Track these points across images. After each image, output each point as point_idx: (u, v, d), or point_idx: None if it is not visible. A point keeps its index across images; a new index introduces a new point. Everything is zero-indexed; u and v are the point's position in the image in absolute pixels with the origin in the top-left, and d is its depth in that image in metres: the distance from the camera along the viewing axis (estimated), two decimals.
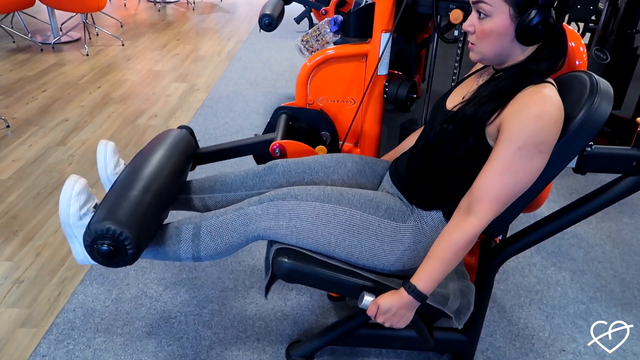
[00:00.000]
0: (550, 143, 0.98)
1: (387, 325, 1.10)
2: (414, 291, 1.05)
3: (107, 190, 1.27)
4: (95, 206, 1.17)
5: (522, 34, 0.99)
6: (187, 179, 1.43)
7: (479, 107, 1.03)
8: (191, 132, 1.49)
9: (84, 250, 1.09)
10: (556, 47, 1.04)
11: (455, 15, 1.42)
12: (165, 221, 1.25)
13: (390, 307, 1.07)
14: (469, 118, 1.04)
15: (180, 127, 1.48)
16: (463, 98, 1.13)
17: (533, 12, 0.96)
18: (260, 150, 1.55)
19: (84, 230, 1.09)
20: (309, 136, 1.65)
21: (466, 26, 1.05)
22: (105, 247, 1.03)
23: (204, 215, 1.22)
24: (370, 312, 1.10)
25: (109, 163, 1.32)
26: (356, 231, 1.13)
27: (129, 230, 1.03)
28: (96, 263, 1.11)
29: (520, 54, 1.04)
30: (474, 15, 1.04)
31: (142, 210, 1.09)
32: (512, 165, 0.98)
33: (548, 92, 0.98)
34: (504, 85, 1.03)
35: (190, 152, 1.41)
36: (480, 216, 1.01)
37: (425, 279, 1.05)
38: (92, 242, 1.04)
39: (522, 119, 0.96)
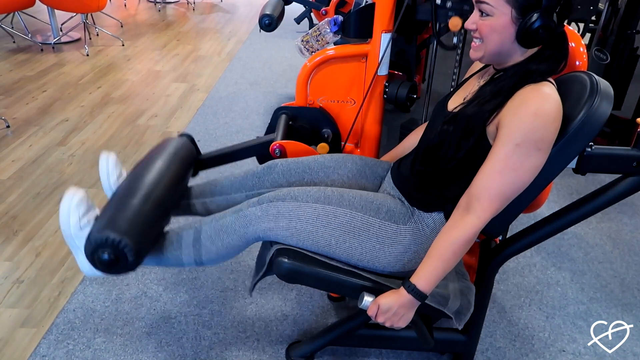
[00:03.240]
0: (548, 141, 0.98)
1: (387, 325, 1.10)
2: (413, 290, 1.05)
3: None
4: (96, 217, 1.17)
5: (523, 36, 0.99)
6: (189, 185, 1.43)
7: (479, 107, 1.04)
8: (191, 140, 1.50)
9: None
10: (557, 50, 1.04)
11: (454, 22, 1.42)
12: (167, 228, 1.25)
13: (390, 307, 1.07)
14: (470, 118, 1.04)
15: (180, 135, 1.49)
16: (464, 99, 1.13)
17: (535, 16, 0.96)
18: (261, 152, 1.55)
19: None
20: (310, 135, 1.65)
21: (468, 24, 1.05)
22: (105, 256, 1.04)
23: (204, 220, 1.22)
24: (370, 312, 1.10)
25: (112, 174, 1.33)
26: (357, 233, 1.13)
27: (128, 238, 1.04)
28: (102, 274, 1.12)
29: (521, 55, 1.04)
30: (476, 14, 1.04)
31: (142, 218, 1.10)
32: (510, 163, 0.98)
33: (547, 90, 0.98)
34: (504, 85, 1.03)
35: (190, 159, 1.42)
36: (479, 214, 1.01)
37: (424, 278, 1.05)
38: (92, 251, 1.05)
39: (521, 116, 0.96)
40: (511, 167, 0.98)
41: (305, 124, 1.65)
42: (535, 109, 0.96)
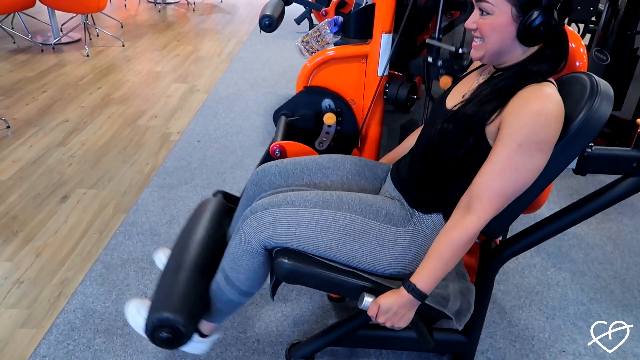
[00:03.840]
0: (550, 141, 0.98)
1: (387, 325, 1.10)
2: (413, 290, 1.05)
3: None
4: (151, 299, 1.26)
5: (524, 34, 0.99)
6: None
7: (479, 106, 1.03)
8: (224, 194, 1.56)
9: None
10: (557, 49, 1.04)
11: (445, 81, 1.50)
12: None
13: (390, 307, 1.07)
14: (469, 118, 1.04)
15: (214, 194, 1.55)
16: (463, 97, 1.13)
17: (535, 13, 0.96)
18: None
19: None
20: (314, 116, 1.64)
21: (468, 24, 1.05)
22: (164, 335, 1.16)
23: (223, 257, 1.26)
24: (371, 312, 1.10)
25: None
26: (357, 236, 1.13)
27: (180, 316, 1.15)
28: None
29: (521, 54, 1.04)
30: (476, 13, 1.04)
31: (189, 290, 1.21)
32: (512, 163, 0.98)
33: (548, 90, 0.98)
34: (504, 85, 1.03)
35: (226, 214, 1.48)
36: (480, 214, 1.01)
37: (425, 277, 1.05)
38: (152, 332, 1.16)
39: (522, 116, 0.96)
40: (513, 167, 0.98)
41: (305, 110, 1.65)
42: (538, 109, 0.95)
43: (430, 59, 1.53)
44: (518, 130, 0.96)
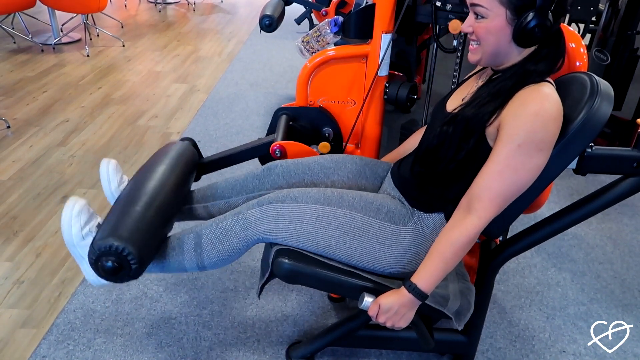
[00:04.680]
0: (549, 141, 0.98)
1: (388, 325, 1.10)
2: (414, 290, 1.05)
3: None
4: (98, 225, 1.17)
5: (519, 36, 0.99)
6: (191, 189, 1.43)
7: (478, 108, 1.04)
8: (194, 143, 1.50)
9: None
10: (554, 48, 1.04)
11: (454, 25, 1.44)
12: (170, 233, 1.25)
13: (391, 307, 1.07)
14: (469, 120, 1.04)
15: (182, 139, 1.49)
16: (462, 100, 1.13)
17: (530, 15, 0.96)
18: (263, 153, 1.55)
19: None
20: (311, 134, 1.65)
21: (464, 28, 1.06)
22: (109, 264, 1.05)
23: (204, 224, 1.22)
24: (371, 312, 1.10)
25: (112, 181, 1.33)
26: (356, 234, 1.13)
27: (132, 246, 1.05)
28: (107, 282, 1.12)
29: (518, 55, 1.05)
30: (471, 17, 1.04)
31: (145, 225, 1.11)
32: (511, 163, 0.98)
33: (546, 90, 0.99)
34: (503, 86, 1.03)
35: (192, 164, 1.42)
36: (480, 215, 1.01)
37: (425, 277, 1.05)
38: (96, 259, 1.06)
39: (521, 117, 0.97)
40: (512, 168, 0.98)
41: (305, 124, 1.65)
42: (536, 110, 0.96)
43: (438, 3, 1.48)
44: (517, 131, 0.96)
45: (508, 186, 0.99)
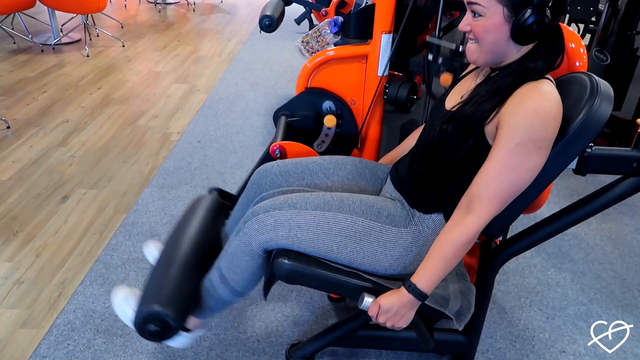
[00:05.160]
0: (548, 139, 0.98)
1: (388, 325, 1.10)
2: (414, 290, 1.05)
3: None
4: (141, 292, 1.25)
5: (517, 33, 0.99)
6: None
7: (477, 106, 1.03)
8: (219, 191, 1.56)
9: None
10: (553, 45, 1.03)
11: (445, 78, 1.48)
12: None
13: (391, 307, 1.07)
14: (468, 118, 1.03)
15: (209, 191, 1.55)
16: (461, 98, 1.13)
17: (528, 12, 0.96)
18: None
19: None
20: (315, 117, 1.64)
21: (462, 26, 1.05)
22: (153, 328, 1.16)
23: (220, 255, 1.26)
24: (371, 312, 1.10)
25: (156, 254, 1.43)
26: (358, 238, 1.13)
27: (170, 309, 1.15)
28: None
29: (516, 52, 1.04)
30: (469, 16, 1.04)
31: (182, 285, 1.21)
32: (510, 162, 0.97)
33: (545, 87, 0.98)
34: (501, 84, 1.02)
35: (221, 211, 1.48)
36: (480, 214, 1.01)
37: (425, 277, 1.05)
38: (141, 324, 1.16)
39: (520, 115, 0.96)
40: (512, 167, 0.98)
41: (305, 111, 1.65)
42: (535, 108, 0.95)
43: (430, 57, 1.53)
44: (516, 129, 0.96)
45: (507, 185, 0.99)
